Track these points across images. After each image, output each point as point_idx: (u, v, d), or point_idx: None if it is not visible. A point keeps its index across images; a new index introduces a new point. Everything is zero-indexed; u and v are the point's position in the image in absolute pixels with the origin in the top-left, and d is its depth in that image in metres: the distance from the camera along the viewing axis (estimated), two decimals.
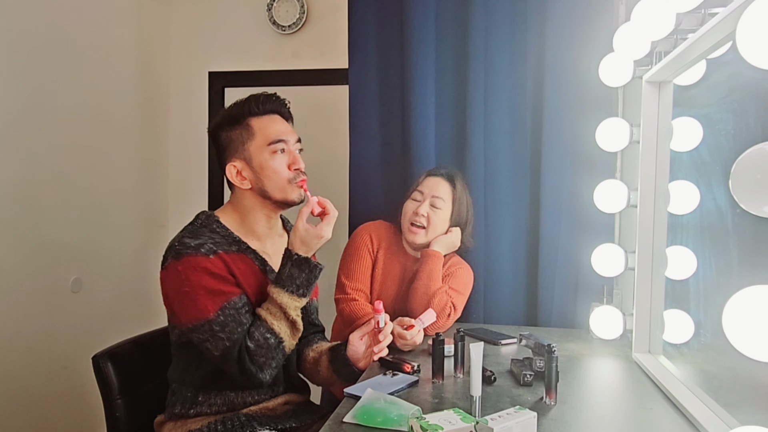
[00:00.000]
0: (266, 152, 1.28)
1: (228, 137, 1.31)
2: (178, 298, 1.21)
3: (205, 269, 1.19)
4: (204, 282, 1.19)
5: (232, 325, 1.19)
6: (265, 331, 1.21)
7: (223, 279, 1.21)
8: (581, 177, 1.78)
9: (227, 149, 1.31)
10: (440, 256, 1.67)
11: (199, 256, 1.19)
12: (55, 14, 2.03)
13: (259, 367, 1.21)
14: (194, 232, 1.25)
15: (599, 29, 1.74)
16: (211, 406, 1.28)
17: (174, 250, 1.21)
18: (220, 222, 1.30)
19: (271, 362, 1.23)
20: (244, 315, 1.22)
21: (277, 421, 1.29)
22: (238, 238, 1.29)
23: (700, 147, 1.39)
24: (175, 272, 1.20)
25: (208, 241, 1.23)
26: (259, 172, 1.28)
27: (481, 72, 1.87)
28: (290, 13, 2.49)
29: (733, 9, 0.91)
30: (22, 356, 1.92)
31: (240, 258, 1.27)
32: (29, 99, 1.93)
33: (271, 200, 1.30)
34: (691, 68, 1.30)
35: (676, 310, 1.42)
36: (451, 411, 0.97)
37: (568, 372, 1.34)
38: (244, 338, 1.20)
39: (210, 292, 1.19)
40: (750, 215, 0.72)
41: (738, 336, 0.71)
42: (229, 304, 1.20)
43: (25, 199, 1.94)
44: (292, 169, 1.30)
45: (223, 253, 1.23)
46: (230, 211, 1.34)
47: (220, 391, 1.29)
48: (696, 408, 1.07)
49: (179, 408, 1.29)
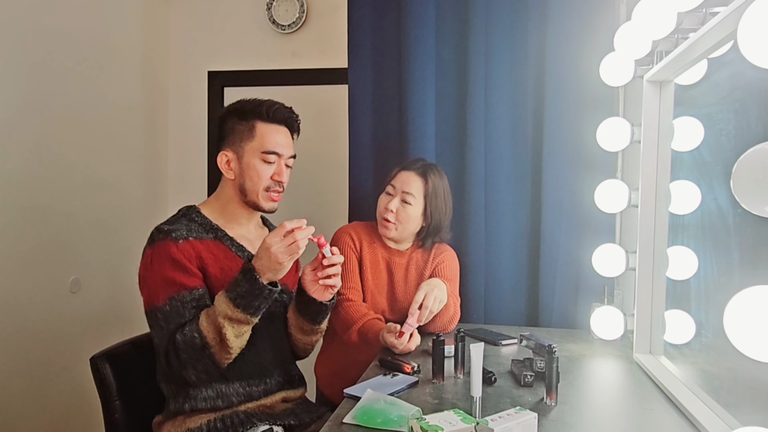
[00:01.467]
0: (257, 157, 1.33)
1: (232, 128, 1.36)
2: (142, 282, 1.27)
3: (169, 256, 1.23)
4: (165, 270, 1.23)
5: (174, 316, 1.21)
6: (194, 329, 1.19)
7: (182, 269, 1.23)
8: (582, 177, 1.78)
9: (227, 138, 1.36)
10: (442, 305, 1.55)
11: (168, 240, 1.24)
12: (54, 14, 2.02)
13: (182, 364, 1.19)
14: (172, 221, 1.32)
15: (600, 28, 1.74)
16: (205, 400, 1.27)
17: (150, 237, 1.28)
18: (200, 212, 1.35)
19: (195, 363, 1.19)
20: (188, 309, 1.22)
21: (276, 419, 1.30)
22: (215, 226, 1.34)
23: (702, 147, 1.38)
24: (145, 257, 1.27)
25: (183, 227, 1.28)
26: (244, 169, 1.34)
27: (481, 71, 1.86)
28: (290, 12, 2.48)
29: (734, 8, 0.90)
30: (21, 357, 1.92)
31: (215, 245, 1.31)
32: (27, 99, 1.93)
33: (245, 198, 1.36)
34: (692, 68, 1.30)
35: (677, 311, 1.42)
36: (452, 412, 0.97)
37: (569, 372, 1.34)
38: (177, 331, 1.20)
39: (165, 280, 1.22)
40: (751, 215, 0.72)
41: (739, 336, 0.71)
42: (179, 296, 1.22)
43: (23, 199, 1.93)
44: (273, 179, 1.35)
45: (195, 240, 1.27)
46: (213, 201, 1.40)
47: (209, 384, 1.28)
48: (697, 409, 1.07)
49: (173, 405, 1.29)
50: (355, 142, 1.98)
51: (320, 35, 2.48)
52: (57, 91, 2.04)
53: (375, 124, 1.98)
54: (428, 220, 1.67)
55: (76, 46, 2.12)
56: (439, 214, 1.67)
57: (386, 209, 1.66)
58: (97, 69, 2.22)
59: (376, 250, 1.71)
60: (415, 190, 1.65)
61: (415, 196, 1.64)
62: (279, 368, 1.38)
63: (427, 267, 1.72)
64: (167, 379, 1.31)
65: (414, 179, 1.66)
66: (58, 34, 2.04)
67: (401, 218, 1.65)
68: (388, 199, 1.67)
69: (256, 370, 1.32)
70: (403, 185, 1.65)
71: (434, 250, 1.74)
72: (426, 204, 1.65)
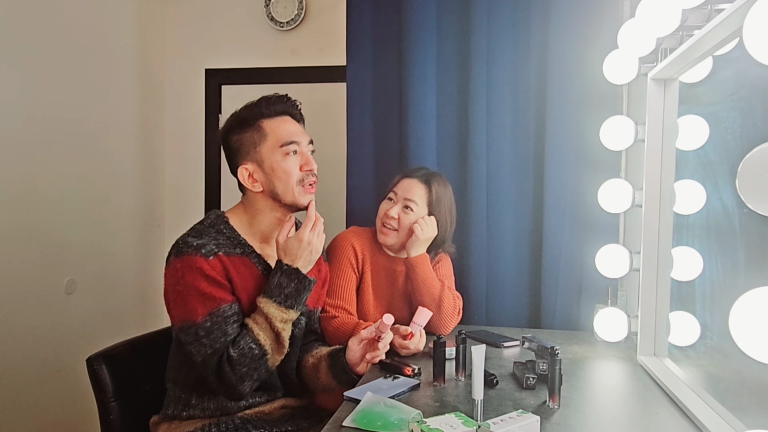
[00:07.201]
0: (278, 154, 1.27)
1: (239, 140, 1.29)
2: (173, 296, 1.22)
3: (201, 271, 1.19)
4: (198, 284, 1.18)
5: (217, 333, 1.19)
6: (250, 341, 1.20)
7: (217, 283, 1.21)
8: (585, 176, 1.76)
9: (238, 152, 1.30)
10: (425, 258, 1.62)
11: (198, 256, 1.19)
12: (51, 12, 2.01)
13: (240, 377, 1.19)
14: (200, 232, 1.26)
15: (604, 25, 1.73)
16: (204, 410, 1.27)
17: (177, 248, 1.22)
18: (229, 223, 1.29)
19: (253, 374, 1.21)
20: (230, 325, 1.21)
21: (272, 425, 1.28)
22: (243, 241, 1.29)
23: (707, 145, 1.38)
24: (173, 269, 1.21)
25: (211, 241, 1.23)
26: (270, 173, 1.27)
27: (483, 69, 1.85)
28: (288, 9, 2.47)
29: (739, 5, 0.90)
30: (16, 358, 1.90)
31: (242, 261, 1.26)
32: (21, 98, 1.91)
33: (281, 203, 1.30)
34: (697, 65, 1.29)
35: (681, 312, 1.42)
36: (453, 415, 0.97)
37: (572, 375, 1.32)
38: (228, 347, 1.19)
39: (202, 295, 1.19)
40: (757, 215, 0.71)
41: (745, 338, 0.71)
42: (218, 311, 1.19)
43: (19, 200, 1.91)
44: (303, 170, 1.29)
45: (224, 255, 1.23)
46: (241, 212, 1.33)
47: (214, 395, 1.27)
48: (702, 412, 1.06)
49: (172, 409, 1.29)
50: (354, 140, 1.97)
51: (319, 32, 2.46)
52: (51, 89, 2.02)
53: (374, 122, 1.96)
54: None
55: (70, 44, 2.10)
56: (443, 224, 1.63)
57: (387, 215, 1.62)
58: (92, 67, 2.21)
59: (378, 260, 1.67)
60: (417, 198, 1.61)
61: (417, 203, 1.61)
62: (283, 383, 1.36)
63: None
64: (179, 384, 1.29)
65: (417, 186, 1.62)
66: (52, 31, 2.02)
67: (402, 225, 1.61)
68: (389, 206, 1.63)
69: (262, 386, 1.30)
70: (406, 192, 1.62)
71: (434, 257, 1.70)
72: (429, 212, 1.62)
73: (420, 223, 1.59)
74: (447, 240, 1.67)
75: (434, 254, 1.68)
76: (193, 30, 2.60)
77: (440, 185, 1.64)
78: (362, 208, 1.93)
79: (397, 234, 1.62)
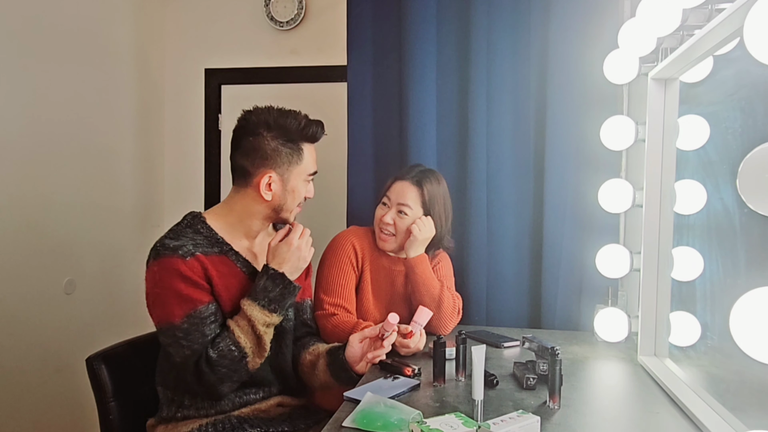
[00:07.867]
0: (302, 179, 1.33)
1: (277, 149, 1.29)
2: (152, 299, 1.23)
3: (179, 272, 1.19)
4: (175, 285, 1.19)
5: (195, 334, 1.19)
6: (230, 343, 1.20)
7: (195, 284, 1.21)
8: (585, 176, 1.76)
9: (270, 158, 1.28)
10: (424, 258, 1.62)
11: (175, 257, 1.20)
12: (51, 12, 2.01)
13: (219, 378, 1.20)
14: (177, 233, 1.26)
15: (604, 25, 1.72)
16: (198, 410, 1.27)
17: (155, 250, 1.23)
18: (206, 223, 1.30)
19: (232, 375, 1.22)
20: (208, 325, 1.21)
21: (269, 424, 1.28)
22: (221, 239, 1.29)
23: (707, 145, 1.37)
24: (152, 272, 1.22)
25: (189, 242, 1.23)
26: (289, 193, 1.32)
27: (483, 69, 1.84)
28: (288, 8, 2.46)
29: (740, 5, 0.90)
30: (15, 359, 1.90)
31: (221, 260, 1.27)
32: (20, 98, 1.91)
33: (277, 214, 1.34)
34: (697, 65, 1.29)
35: (682, 312, 1.41)
36: (453, 415, 0.97)
37: (572, 375, 1.32)
38: (207, 348, 1.19)
39: (179, 296, 1.19)
40: (758, 215, 0.71)
41: (746, 338, 0.71)
42: (196, 312, 1.20)
43: (19, 200, 1.91)
44: (306, 196, 1.37)
45: (202, 255, 1.23)
46: (224, 212, 1.33)
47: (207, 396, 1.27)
48: (703, 412, 1.06)
49: (166, 412, 1.29)
50: (355, 140, 1.96)
51: (319, 32, 2.46)
52: (51, 89, 2.02)
53: (375, 122, 1.96)
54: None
55: (70, 44, 2.10)
56: (440, 221, 1.63)
57: (383, 221, 1.62)
58: (92, 67, 2.21)
59: (378, 259, 1.67)
60: (411, 201, 1.60)
61: (411, 207, 1.60)
62: (278, 378, 1.36)
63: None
64: (169, 386, 1.29)
65: (409, 189, 1.61)
66: (52, 31, 2.02)
67: (399, 229, 1.61)
68: (384, 211, 1.63)
69: (254, 381, 1.31)
70: (399, 197, 1.61)
71: (433, 257, 1.70)
72: (424, 214, 1.62)
73: (417, 223, 1.59)
74: (445, 236, 1.67)
75: (433, 252, 1.68)
76: (193, 30, 2.60)
77: (432, 184, 1.63)
78: (362, 208, 1.93)
79: (395, 239, 1.62)
